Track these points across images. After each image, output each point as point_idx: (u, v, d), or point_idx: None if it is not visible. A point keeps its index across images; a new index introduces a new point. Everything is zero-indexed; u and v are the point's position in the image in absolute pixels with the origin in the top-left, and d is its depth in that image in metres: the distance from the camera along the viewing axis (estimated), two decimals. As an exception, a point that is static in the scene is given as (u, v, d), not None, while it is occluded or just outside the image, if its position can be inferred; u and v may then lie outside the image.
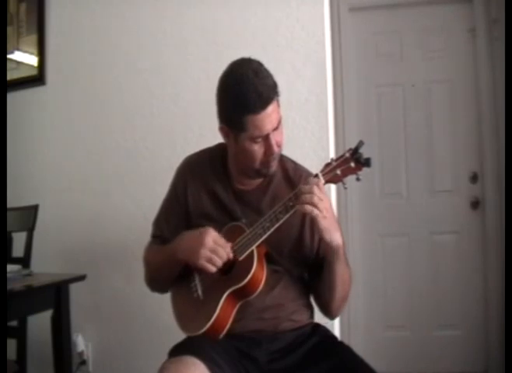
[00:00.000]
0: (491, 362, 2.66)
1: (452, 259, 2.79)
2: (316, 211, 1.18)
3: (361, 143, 1.18)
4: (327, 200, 1.21)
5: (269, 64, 1.31)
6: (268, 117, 1.25)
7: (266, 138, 1.27)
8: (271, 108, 1.25)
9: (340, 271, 1.30)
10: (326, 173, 1.22)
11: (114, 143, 2.51)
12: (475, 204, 2.76)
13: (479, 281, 2.74)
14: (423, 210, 2.83)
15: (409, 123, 2.86)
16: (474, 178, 2.77)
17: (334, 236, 1.24)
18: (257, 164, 1.31)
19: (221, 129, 1.34)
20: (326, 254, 1.30)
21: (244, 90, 1.23)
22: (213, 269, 1.25)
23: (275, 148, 1.29)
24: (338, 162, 1.21)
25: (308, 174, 1.39)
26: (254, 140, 1.27)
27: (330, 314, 1.41)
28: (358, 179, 1.21)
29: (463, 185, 2.78)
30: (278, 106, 1.29)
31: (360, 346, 2.52)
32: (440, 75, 2.82)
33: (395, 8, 2.84)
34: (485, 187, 2.73)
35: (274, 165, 1.34)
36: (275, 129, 1.28)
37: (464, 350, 2.74)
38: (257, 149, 1.29)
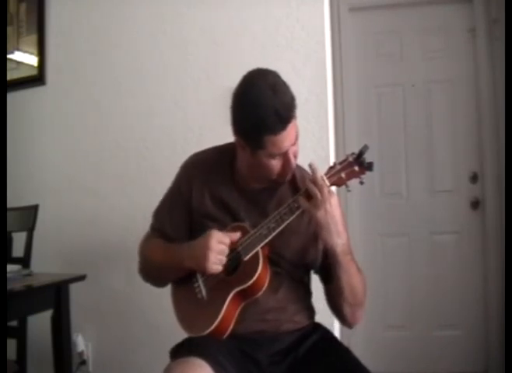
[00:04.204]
0: (491, 362, 2.67)
1: (452, 259, 2.79)
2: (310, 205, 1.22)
3: (365, 147, 1.19)
4: (329, 201, 1.21)
5: (269, 64, 1.31)
6: (287, 136, 1.23)
7: (284, 153, 1.26)
8: (290, 126, 1.22)
9: (345, 277, 1.27)
10: (330, 176, 1.23)
11: (114, 143, 2.50)
12: (475, 204, 2.76)
13: (479, 281, 2.74)
14: (423, 210, 2.83)
15: (409, 123, 2.86)
16: (474, 178, 2.77)
17: (333, 239, 1.23)
18: (273, 175, 1.31)
19: (237, 142, 1.32)
20: (329, 258, 1.29)
21: (263, 112, 1.19)
22: (219, 268, 1.25)
23: (293, 161, 1.29)
24: (342, 165, 1.22)
25: None
26: (272, 156, 1.26)
27: (344, 320, 1.37)
28: (361, 183, 1.22)
29: (463, 185, 2.78)
30: (296, 118, 1.26)
31: (360, 346, 2.53)
32: (440, 75, 2.82)
33: (395, 8, 2.84)
34: (485, 187, 2.73)
35: (290, 175, 1.34)
36: (293, 144, 1.27)
37: (464, 350, 2.74)
38: (275, 164, 1.28)
